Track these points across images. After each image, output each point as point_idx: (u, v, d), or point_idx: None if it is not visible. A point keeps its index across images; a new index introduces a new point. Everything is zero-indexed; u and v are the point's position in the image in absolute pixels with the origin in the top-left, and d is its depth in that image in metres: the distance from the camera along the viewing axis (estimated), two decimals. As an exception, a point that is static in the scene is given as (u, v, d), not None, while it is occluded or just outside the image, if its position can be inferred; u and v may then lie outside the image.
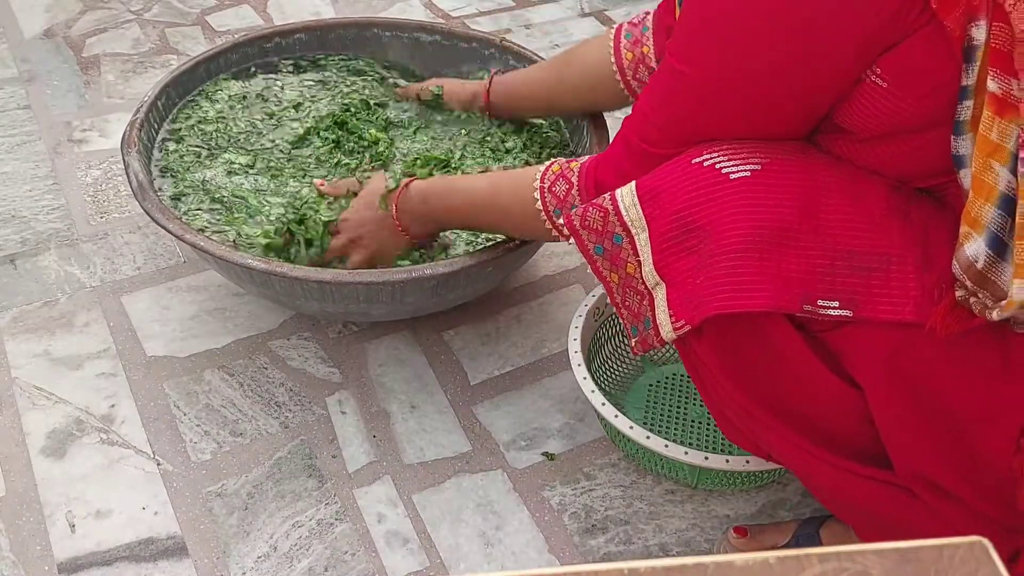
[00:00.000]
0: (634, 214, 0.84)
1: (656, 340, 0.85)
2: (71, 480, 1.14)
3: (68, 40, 1.92)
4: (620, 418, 1.07)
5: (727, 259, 0.77)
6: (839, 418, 0.85)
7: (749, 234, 0.77)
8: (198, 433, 1.20)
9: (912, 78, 0.74)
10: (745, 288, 0.76)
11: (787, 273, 0.76)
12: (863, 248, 0.77)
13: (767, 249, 0.76)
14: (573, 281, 1.44)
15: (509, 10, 2.12)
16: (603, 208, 0.87)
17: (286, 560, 1.07)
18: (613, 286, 0.89)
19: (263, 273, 1.11)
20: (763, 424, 0.88)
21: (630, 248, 0.85)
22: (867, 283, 0.76)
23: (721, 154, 0.81)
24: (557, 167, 0.98)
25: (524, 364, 1.31)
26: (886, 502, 0.86)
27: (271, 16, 2.03)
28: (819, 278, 0.76)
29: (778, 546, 1.07)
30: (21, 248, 1.45)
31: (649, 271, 0.84)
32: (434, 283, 1.15)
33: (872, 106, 0.77)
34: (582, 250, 0.90)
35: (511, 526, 1.12)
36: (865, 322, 0.77)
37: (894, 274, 0.76)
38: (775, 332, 0.81)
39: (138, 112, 1.33)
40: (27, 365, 1.28)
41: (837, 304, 0.77)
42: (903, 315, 0.75)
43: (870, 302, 0.76)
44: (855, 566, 0.41)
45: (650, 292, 0.85)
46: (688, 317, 0.80)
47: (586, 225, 0.88)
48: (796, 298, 0.76)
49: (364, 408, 1.24)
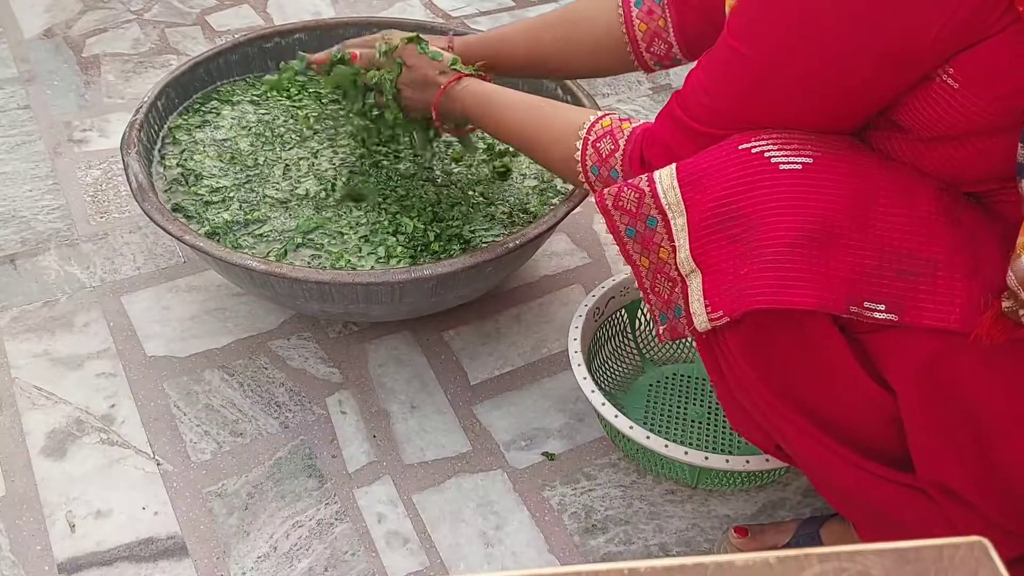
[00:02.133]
0: (672, 197, 0.81)
1: (688, 329, 0.83)
2: (71, 480, 1.14)
3: (68, 40, 1.92)
4: (620, 418, 1.07)
5: (775, 252, 0.75)
6: (865, 419, 0.84)
7: (799, 229, 0.74)
8: (198, 433, 1.20)
9: (987, 80, 0.72)
10: (792, 284, 0.74)
11: (835, 273, 0.74)
12: (912, 251, 0.75)
13: (817, 246, 0.74)
14: (573, 281, 1.44)
15: (509, 10, 2.12)
16: (639, 189, 0.84)
17: (286, 560, 1.07)
18: (643, 271, 0.86)
19: (263, 274, 1.11)
20: (784, 418, 0.86)
21: (665, 232, 0.83)
22: (914, 287, 0.75)
23: (771, 142, 0.78)
24: (608, 122, 0.95)
25: (524, 364, 1.31)
26: (902, 504, 0.85)
27: (271, 16, 2.03)
28: (867, 280, 0.75)
29: (779, 546, 1.06)
30: (21, 248, 1.45)
31: (685, 257, 0.81)
32: (433, 283, 1.15)
33: (939, 106, 0.75)
34: (612, 231, 0.87)
35: (511, 526, 1.12)
36: (907, 327, 0.75)
37: (941, 280, 0.74)
38: (815, 329, 0.79)
39: (138, 113, 1.33)
40: (27, 365, 1.28)
41: (883, 307, 0.75)
42: (948, 323, 0.74)
43: (916, 307, 0.75)
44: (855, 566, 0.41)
45: (683, 279, 0.82)
46: (727, 308, 0.78)
47: (619, 206, 0.85)
48: (842, 299, 0.75)
49: (364, 408, 1.24)
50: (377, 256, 1.21)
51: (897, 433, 0.83)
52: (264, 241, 1.24)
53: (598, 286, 1.23)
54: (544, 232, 1.18)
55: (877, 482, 0.85)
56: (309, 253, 1.22)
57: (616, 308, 1.26)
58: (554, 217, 1.19)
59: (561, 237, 1.51)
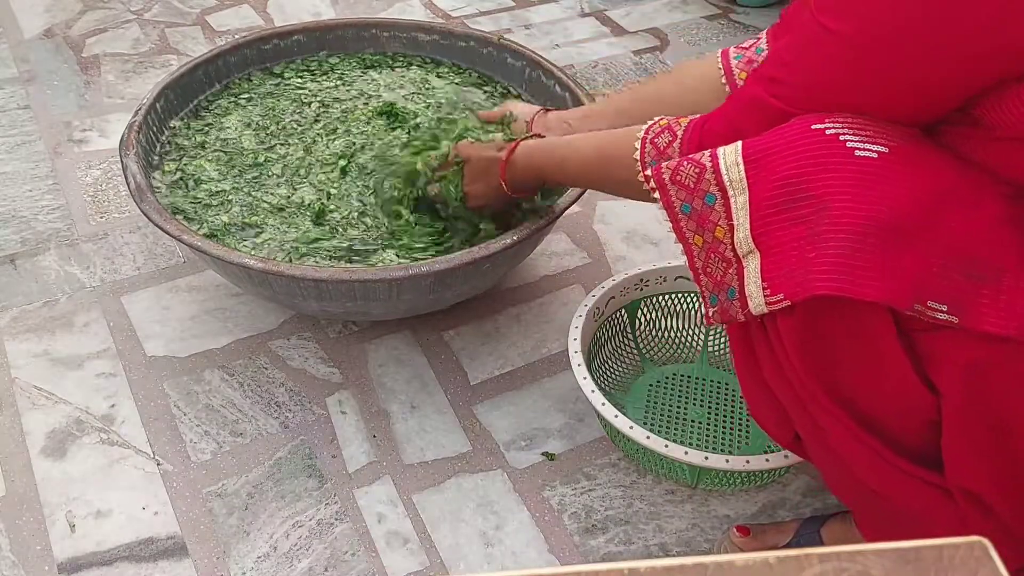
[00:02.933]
0: (735, 174, 0.79)
1: (742, 312, 0.80)
2: (71, 480, 1.14)
3: (68, 40, 1.92)
4: (620, 418, 1.07)
5: (846, 240, 0.73)
6: (904, 416, 0.83)
7: (873, 218, 0.73)
8: (198, 433, 1.20)
9: None
10: (860, 275, 0.73)
11: (904, 268, 0.73)
12: (980, 255, 0.74)
13: (888, 239, 0.73)
14: (573, 281, 1.44)
15: (509, 10, 2.12)
16: (700, 164, 0.81)
17: (286, 560, 1.07)
18: (695, 249, 0.84)
19: (261, 272, 1.11)
20: (819, 405, 0.85)
21: (723, 210, 0.81)
22: (977, 291, 0.73)
23: (846, 126, 0.77)
24: (665, 121, 0.93)
25: (524, 364, 1.31)
26: (921, 501, 0.85)
27: (271, 16, 2.03)
28: (933, 279, 0.73)
29: (779, 546, 1.06)
30: (21, 248, 1.45)
31: (744, 237, 0.79)
32: (431, 280, 1.15)
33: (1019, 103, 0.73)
34: (667, 206, 0.84)
35: (511, 526, 1.12)
36: (964, 330, 0.75)
37: (1005, 287, 0.73)
38: (873, 322, 0.78)
39: (136, 114, 1.33)
40: (27, 365, 1.28)
41: (946, 308, 0.74)
42: (1008, 330, 0.73)
43: (977, 311, 0.74)
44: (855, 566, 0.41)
45: (739, 260, 0.80)
46: (789, 291, 0.76)
47: (676, 180, 0.83)
48: (907, 295, 0.73)
49: (364, 408, 1.24)
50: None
51: (931, 433, 0.82)
52: (263, 250, 1.24)
53: (598, 286, 1.23)
54: (542, 228, 1.18)
55: (901, 477, 0.84)
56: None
57: (616, 308, 1.26)
58: (552, 214, 1.19)
59: (561, 237, 1.50)
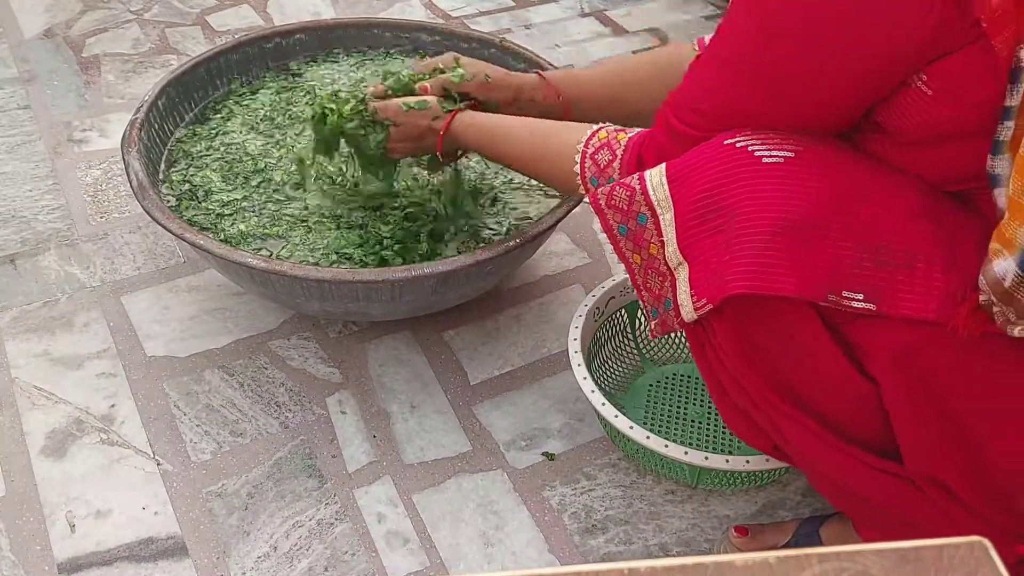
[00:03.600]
0: (661, 194, 0.84)
1: (676, 321, 0.85)
2: (71, 480, 1.14)
3: (68, 40, 1.92)
4: (620, 418, 1.07)
5: (756, 241, 0.77)
6: (853, 408, 0.85)
7: (779, 219, 0.76)
8: (198, 433, 1.20)
9: (957, 90, 0.74)
10: (772, 272, 0.76)
11: (814, 262, 0.76)
12: (892, 244, 0.76)
13: (797, 236, 0.76)
14: (573, 281, 1.44)
15: (509, 10, 2.12)
16: (630, 187, 0.86)
17: (286, 560, 1.07)
18: (635, 267, 0.89)
19: (263, 271, 1.11)
20: (777, 409, 0.87)
21: (654, 228, 0.85)
22: (893, 278, 0.76)
23: (755, 138, 0.81)
24: (604, 134, 0.97)
25: (524, 364, 1.31)
26: (894, 495, 0.86)
27: (271, 16, 2.03)
28: (846, 269, 0.76)
29: (778, 546, 1.06)
30: (21, 248, 1.45)
31: (673, 251, 0.84)
32: (433, 282, 1.15)
33: (915, 111, 0.77)
34: (606, 229, 0.90)
35: (511, 526, 1.12)
36: (885, 317, 0.77)
37: (920, 272, 0.76)
38: (796, 318, 0.81)
39: (138, 112, 1.33)
40: (27, 365, 1.28)
41: (862, 296, 0.76)
42: (926, 313, 0.75)
43: (894, 297, 0.76)
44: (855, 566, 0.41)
45: (672, 272, 0.85)
46: (710, 296, 0.80)
47: (612, 204, 0.88)
48: (822, 288, 0.76)
49: (364, 408, 1.24)
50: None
51: (884, 424, 0.84)
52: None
53: (598, 286, 1.23)
54: (544, 231, 1.18)
55: (871, 473, 0.86)
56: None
57: (616, 308, 1.26)
58: (554, 217, 1.19)
59: (561, 237, 1.51)
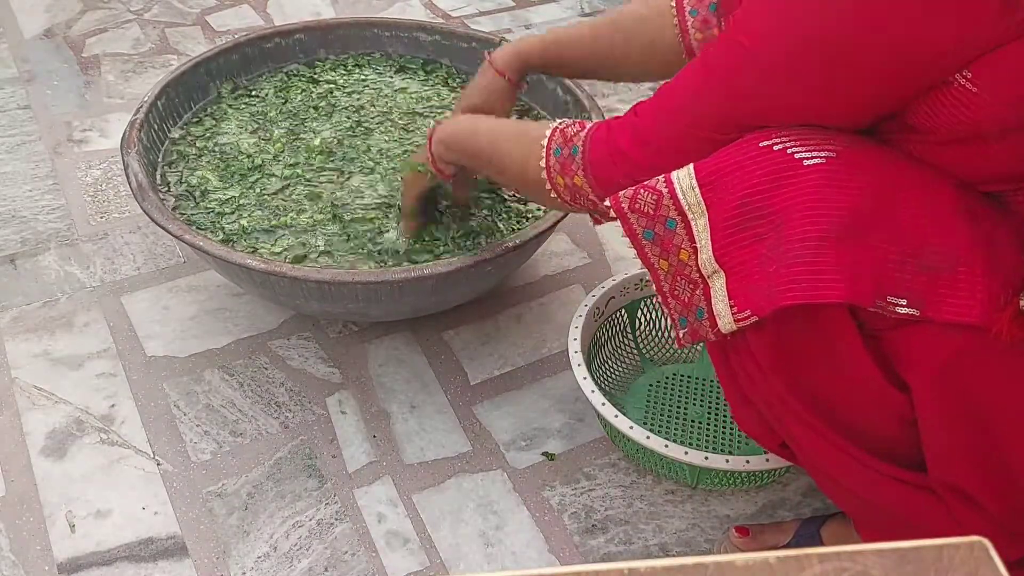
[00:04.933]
0: (692, 198, 0.80)
1: (711, 331, 0.82)
2: (71, 480, 1.14)
3: (68, 40, 1.92)
4: (620, 418, 1.07)
5: (805, 248, 0.74)
6: (879, 418, 0.83)
7: (828, 224, 0.74)
8: (198, 433, 1.20)
9: (1006, 84, 0.72)
10: (823, 279, 0.74)
11: (861, 267, 0.74)
12: (933, 246, 0.75)
13: (843, 241, 0.74)
14: (573, 281, 1.44)
15: (509, 10, 2.12)
16: (656, 191, 0.82)
17: (286, 560, 1.07)
18: (661, 274, 0.85)
19: (263, 273, 1.11)
20: (797, 417, 0.86)
21: (685, 234, 0.82)
22: (935, 282, 0.74)
23: (791, 140, 0.78)
24: (560, 139, 0.94)
25: (524, 364, 1.31)
26: (911, 505, 0.85)
27: (271, 16, 2.03)
28: (890, 274, 0.75)
29: (779, 546, 1.06)
30: (21, 248, 1.45)
31: (707, 259, 0.80)
32: (433, 282, 1.15)
33: (956, 109, 0.74)
34: (629, 235, 0.85)
35: (511, 526, 1.12)
36: (928, 322, 0.75)
37: (962, 275, 0.74)
38: (834, 326, 0.79)
39: (138, 112, 1.33)
40: (27, 365, 1.28)
41: (905, 301, 0.75)
42: (969, 317, 0.74)
43: (937, 302, 0.74)
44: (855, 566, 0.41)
45: (706, 281, 0.81)
46: (755, 307, 0.77)
47: (636, 208, 0.84)
48: (869, 293, 0.74)
49: (364, 408, 1.24)
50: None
51: (909, 434, 0.83)
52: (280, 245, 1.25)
53: (598, 286, 1.23)
54: (544, 232, 1.18)
55: (887, 482, 0.85)
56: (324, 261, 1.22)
57: (616, 308, 1.26)
58: (554, 217, 1.19)
59: (561, 237, 1.50)
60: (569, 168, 0.92)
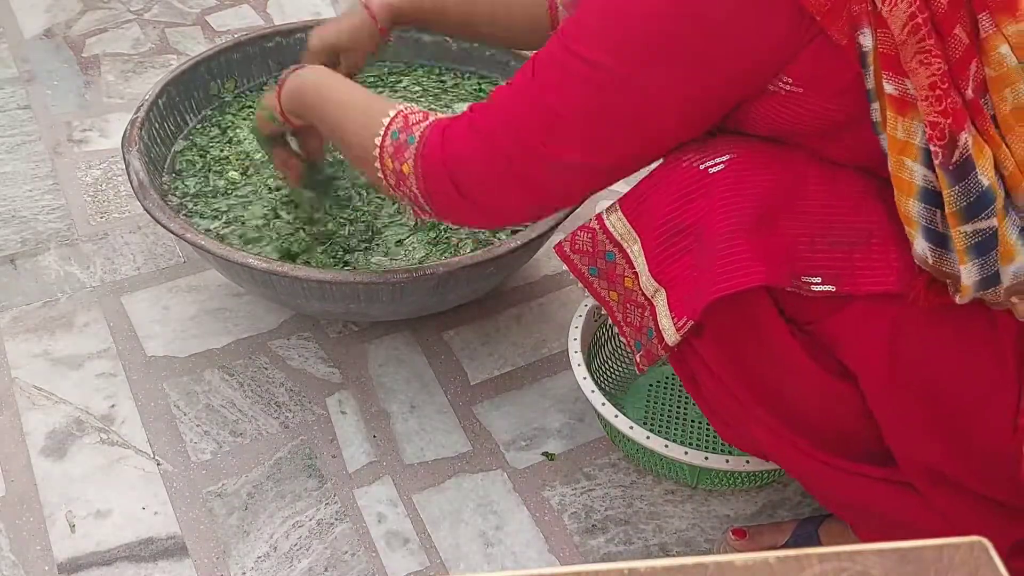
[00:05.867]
0: (622, 228, 0.85)
1: (661, 348, 0.85)
2: (71, 480, 1.14)
3: (68, 40, 1.92)
4: (620, 418, 1.07)
5: (720, 246, 0.78)
6: (833, 413, 0.85)
7: (736, 219, 0.77)
8: (198, 433, 1.20)
9: (822, 82, 0.75)
10: (739, 268, 0.77)
11: (774, 251, 0.77)
12: (844, 223, 0.78)
13: (754, 230, 0.77)
14: (573, 281, 1.44)
15: (509, 10, 2.11)
16: (590, 228, 0.87)
17: (286, 560, 1.07)
18: (613, 305, 0.90)
19: (264, 272, 1.11)
20: (757, 421, 0.88)
21: (624, 262, 0.86)
22: (849, 257, 0.77)
23: (695, 153, 0.81)
24: (401, 122, 0.92)
25: (524, 364, 1.31)
26: (881, 499, 0.87)
27: (271, 16, 2.03)
28: (801, 254, 0.77)
29: (776, 546, 1.07)
30: (21, 248, 1.45)
31: (647, 280, 0.84)
32: (434, 282, 1.15)
33: (798, 111, 0.77)
34: (576, 275, 0.91)
35: (511, 526, 1.12)
36: (854, 301, 0.78)
37: (876, 247, 0.77)
38: (761, 315, 0.82)
39: (139, 111, 1.33)
40: (27, 365, 1.28)
41: (820, 279, 0.77)
42: (887, 285, 0.76)
43: (853, 276, 0.77)
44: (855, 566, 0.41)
45: (650, 301, 0.85)
46: (689, 312, 0.80)
47: (576, 249, 0.89)
48: (784, 274, 0.77)
49: (364, 408, 1.24)
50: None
51: (867, 427, 0.84)
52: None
53: (598, 286, 1.23)
54: (545, 232, 1.18)
55: (856, 480, 0.86)
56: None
57: (616, 308, 1.26)
58: (555, 218, 1.19)
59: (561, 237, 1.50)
60: (402, 155, 0.90)
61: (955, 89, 0.70)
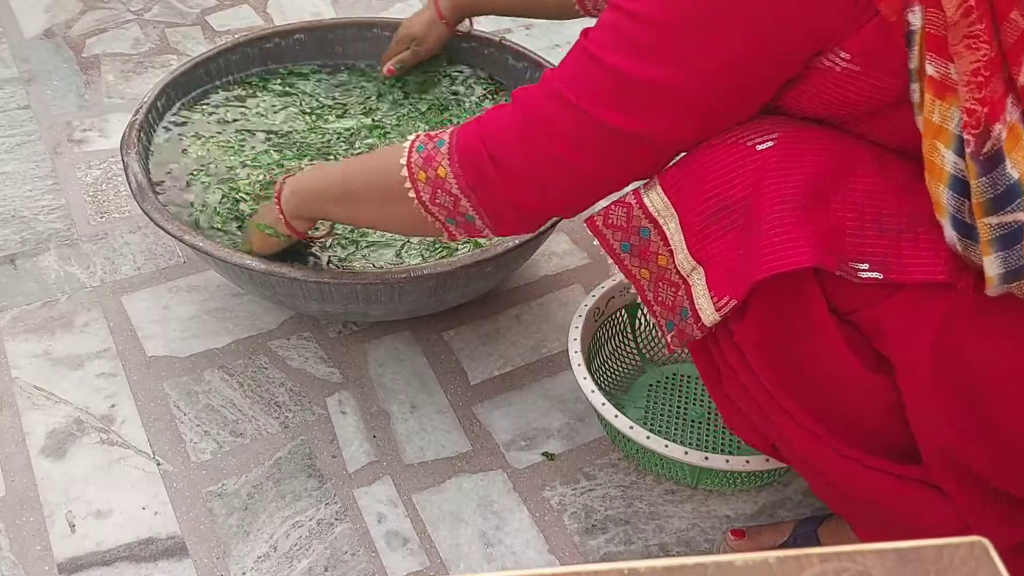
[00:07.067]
0: (660, 204, 0.82)
1: (696, 328, 0.82)
2: (71, 480, 1.14)
3: (68, 40, 1.92)
4: (620, 418, 1.07)
5: (770, 223, 0.76)
6: (863, 406, 0.84)
7: (788, 196, 0.76)
8: (198, 433, 1.20)
9: (878, 59, 0.74)
10: (790, 248, 0.75)
11: (823, 232, 0.75)
12: (893, 210, 0.76)
13: (804, 208, 0.75)
14: (573, 281, 1.44)
15: (509, 10, 2.11)
16: (625, 204, 0.85)
17: (286, 560, 1.07)
18: (644, 283, 0.87)
19: (263, 273, 1.11)
20: (784, 412, 0.86)
21: (659, 239, 0.83)
22: (897, 244, 0.76)
23: (742, 131, 0.80)
24: (424, 139, 0.91)
25: (524, 364, 1.31)
26: (903, 499, 0.85)
27: (271, 16, 2.03)
28: (849, 239, 0.76)
29: (776, 546, 1.06)
30: (21, 248, 1.45)
31: (684, 258, 0.82)
32: (433, 283, 1.15)
33: (852, 89, 0.77)
34: (608, 250, 0.88)
35: (511, 526, 1.12)
36: (902, 290, 0.76)
37: (923, 236, 0.75)
38: (814, 310, 0.80)
39: (137, 113, 1.33)
40: (27, 365, 1.28)
41: (867, 266, 0.76)
42: (935, 275, 0.75)
43: (901, 264, 0.75)
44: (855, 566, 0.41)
45: (685, 280, 0.83)
46: (733, 291, 0.78)
47: (609, 224, 0.86)
48: (832, 257, 0.75)
49: (364, 408, 1.24)
50: None
51: (895, 424, 0.83)
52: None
53: (598, 286, 1.23)
54: (544, 232, 1.18)
55: (876, 476, 0.85)
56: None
57: (616, 308, 1.26)
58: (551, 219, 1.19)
59: (561, 237, 1.51)
60: (433, 160, 0.89)
61: (999, 77, 0.69)
